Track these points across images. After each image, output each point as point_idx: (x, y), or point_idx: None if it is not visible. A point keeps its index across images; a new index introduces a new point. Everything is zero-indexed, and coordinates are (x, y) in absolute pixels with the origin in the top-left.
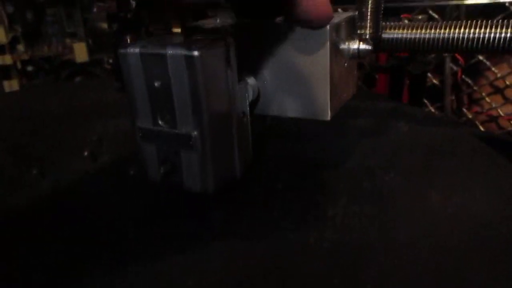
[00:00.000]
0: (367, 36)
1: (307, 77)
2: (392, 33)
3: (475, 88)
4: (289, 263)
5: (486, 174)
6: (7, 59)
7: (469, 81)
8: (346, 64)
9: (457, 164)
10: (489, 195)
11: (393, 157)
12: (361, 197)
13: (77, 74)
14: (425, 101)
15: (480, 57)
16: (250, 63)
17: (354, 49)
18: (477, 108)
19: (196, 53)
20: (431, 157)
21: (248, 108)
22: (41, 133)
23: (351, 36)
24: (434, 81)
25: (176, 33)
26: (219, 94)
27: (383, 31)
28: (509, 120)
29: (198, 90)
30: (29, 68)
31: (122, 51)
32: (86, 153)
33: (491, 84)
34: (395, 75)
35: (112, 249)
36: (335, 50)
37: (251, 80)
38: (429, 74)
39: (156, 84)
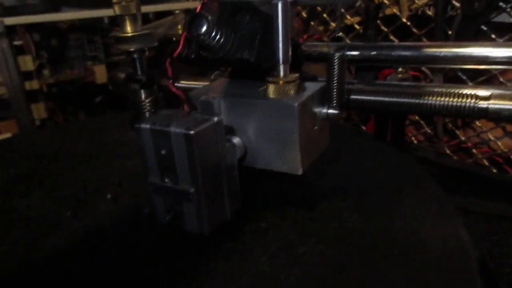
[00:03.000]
0: (334, 103)
1: (282, 141)
2: (359, 95)
3: None
4: None
5: (434, 219)
6: (34, 85)
7: None
8: (316, 127)
9: (411, 207)
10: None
11: (360, 199)
12: (327, 237)
13: (98, 94)
14: (421, 121)
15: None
16: (239, 127)
17: (324, 112)
18: (470, 132)
19: (192, 132)
20: (392, 198)
21: (236, 163)
22: (70, 174)
23: (322, 102)
24: None
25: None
26: (211, 158)
27: (352, 93)
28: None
29: (194, 157)
30: (54, 90)
31: (137, 126)
32: (109, 196)
33: None
34: (379, 114)
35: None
36: (304, 120)
37: (237, 141)
38: None
39: (162, 152)
